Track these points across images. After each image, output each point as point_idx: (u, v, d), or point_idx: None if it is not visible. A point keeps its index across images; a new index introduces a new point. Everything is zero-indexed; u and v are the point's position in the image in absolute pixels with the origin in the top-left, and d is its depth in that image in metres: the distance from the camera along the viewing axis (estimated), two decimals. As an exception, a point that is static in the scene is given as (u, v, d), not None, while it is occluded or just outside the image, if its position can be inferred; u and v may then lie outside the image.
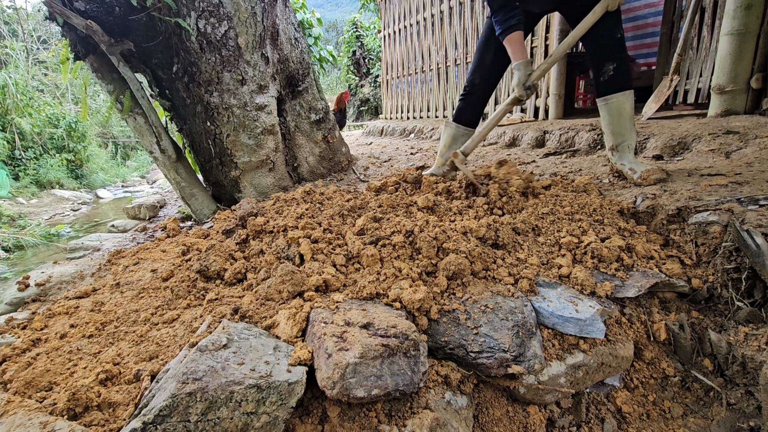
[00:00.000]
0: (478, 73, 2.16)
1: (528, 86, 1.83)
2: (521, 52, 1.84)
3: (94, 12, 2.48)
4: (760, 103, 2.71)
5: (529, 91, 1.84)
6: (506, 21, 1.82)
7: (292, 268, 1.30)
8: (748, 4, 2.57)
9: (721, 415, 1.19)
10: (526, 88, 1.83)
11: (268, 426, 0.88)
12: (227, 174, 2.95)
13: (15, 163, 7.41)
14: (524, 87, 1.83)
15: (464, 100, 2.25)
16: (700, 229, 1.44)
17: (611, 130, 1.98)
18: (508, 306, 1.21)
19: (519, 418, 1.14)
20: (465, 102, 2.25)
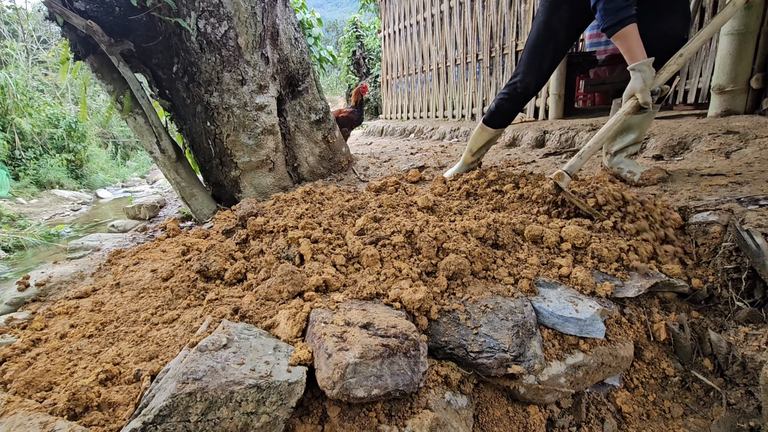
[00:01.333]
0: (532, 76, 1.93)
1: (657, 90, 1.59)
2: (641, 47, 1.55)
3: (94, 12, 2.48)
4: (760, 103, 2.71)
5: (655, 96, 1.59)
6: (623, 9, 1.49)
7: (292, 268, 1.30)
8: (748, 4, 2.57)
9: (721, 415, 1.19)
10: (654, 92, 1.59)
11: (268, 426, 0.88)
12: (227, 174, 2.95)
13: (15, 163, 7.41)
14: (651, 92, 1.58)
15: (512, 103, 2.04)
16: (700, 229, 1.44)
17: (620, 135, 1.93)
18: (508, 306, 1.21)
19: (519, 418, 1.14)
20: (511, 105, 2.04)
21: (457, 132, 4.86)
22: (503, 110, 2.08)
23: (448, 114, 5.75)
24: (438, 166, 3.16)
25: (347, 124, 4.04)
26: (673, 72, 1.59)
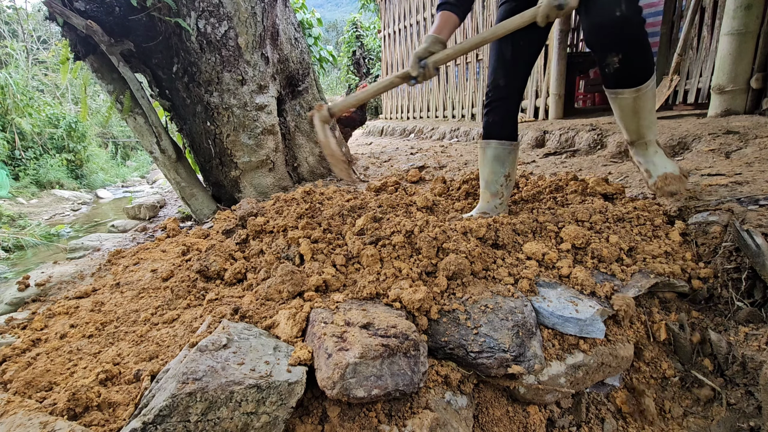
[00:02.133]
0: (500, 71, 1.69)
1: (423, 64, 1.49)
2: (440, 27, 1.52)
3: (94, 12, 2.49)
4: (760, 103, 2.72)
5: (422, 70, 1.49)
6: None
7: (292, 268, 1.30)
8: (748, 4, 2.57)
9: (721, 415, 1.19)
10: (421, 65, 1.49)
11: (268, 426, 0.88)
12: (227, 174, 2.95)
13: (15, 163, 7.41)
14: (419, 64, 1.50)
15: (491, 110, 1.73)
16: (700, 229, 1.44)
17: (624, 126, 1.61)
18: (508, 306, 1.21)
19: (519, 418, 1.14)
20: (493, 113, 1.73)
21: (457, 132, 4.86)
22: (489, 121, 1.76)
23: (448, 114, 5.75)
24: (438, 166, 3.16)
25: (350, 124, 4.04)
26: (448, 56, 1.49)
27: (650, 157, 1.60)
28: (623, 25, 1.30)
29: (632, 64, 1.37)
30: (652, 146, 1.59)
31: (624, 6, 1.27)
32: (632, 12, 1.29)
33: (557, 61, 3.89)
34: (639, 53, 1.36)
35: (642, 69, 1.40)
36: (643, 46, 1.36)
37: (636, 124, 1.55)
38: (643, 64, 1.39)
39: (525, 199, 1.90)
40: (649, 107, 1.49)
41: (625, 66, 1.38)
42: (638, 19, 1.32)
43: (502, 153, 1.74)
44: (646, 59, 1.39)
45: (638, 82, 1.41)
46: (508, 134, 1.74)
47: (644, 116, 1.51)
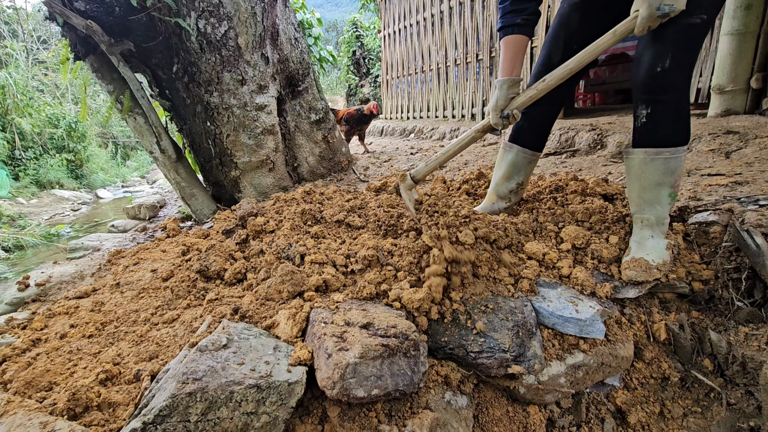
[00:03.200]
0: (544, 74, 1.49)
1: (507, 114, 1.34)
2: (510, 63, 1.37)
3: (94, 12, 2.48)
4: (760, 103, 2.72)
5: (506, 120, 1.35)
6: (507, 15, 1.36)
7: (292, 268, 1.30)
8: (748, 4, 2.57)
9: (721, 415, 1.19)
10: (504, 116, 1.35)
11: (268, 426, 0.88)
12: (227, 174, 2.95)
13: (15, 163, 7.41)
14: (502, 114, 1.35)
15: (524, 114, 1.58)
16: (700, 229, 1.44)
17: (628, 191, 1.42)
18: (508, 306, 1.21)
19: (519, 418, 1.14)
20: (525, 117, 1.60)
21: (457, 132, 4.86)
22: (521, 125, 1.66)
23: (448, 114, 5.75)
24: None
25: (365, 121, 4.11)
26: (531, 98, 1.33)
27: (640, 238, 1.38)
28: (662, 80, 1.21)
29: (658, 123, 1.26)
30: (648, 229, 1.36)
31: (668, 62, 1.19)
32: (676, 69, 1.19)
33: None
34: (669, 115, 1.24)
35: (666, 133, 1.26)
36: (676, 108, 1.24)
37: (635, 192, 1.37)
38: (670, 128, 1.26)
39: (525, 199, 1.89)
40: (656, 180, 1.29)
41: (650, 122, 1.26)
42: (680, 79, 1.21)
43: (521, 161, 1.68)
44: (676, 126, 1.26)
45: (653, 144, 1.27)
46: (534, 143, 1.65)
47: (647, 188, 1.32)
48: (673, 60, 1.18)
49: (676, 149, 1.26)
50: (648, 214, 1.36)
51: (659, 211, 1.34)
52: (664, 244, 1.35)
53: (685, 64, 1.20)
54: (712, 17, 1.18)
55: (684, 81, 1.23)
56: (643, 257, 1.33)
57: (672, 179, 1.29)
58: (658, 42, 1.19)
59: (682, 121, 1.26)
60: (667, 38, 1.17)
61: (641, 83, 1.25)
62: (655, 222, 1.35)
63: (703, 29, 1.18)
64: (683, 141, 1.27)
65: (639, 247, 1.36)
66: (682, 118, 1.26)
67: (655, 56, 1.20)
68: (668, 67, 1.19)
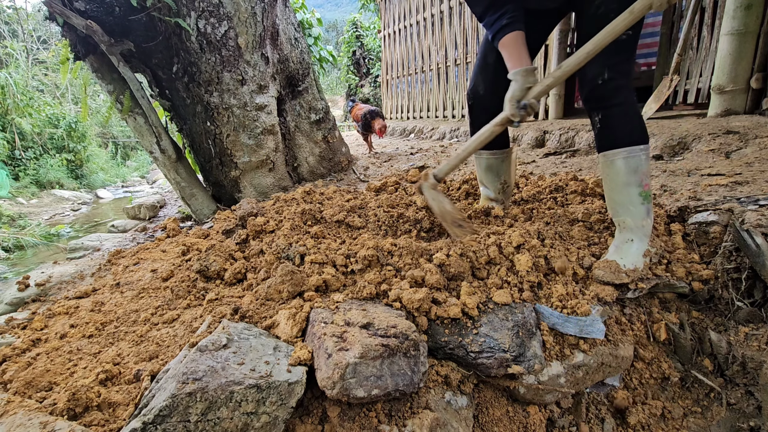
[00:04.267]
0: (480, 77, 1.59)
1: (524, 105, 1.34)
2: (519, 57, 1.35)
3: (94, 12, 2.48)
4: (760, 103, 2.72)
5: (524, 111, 1.35)
6: (496, 22, 1.37)
7: (292, 268, 1.30)
8: (748, 4, 2.57)
9: (721, 415, 1.19)
10: (521, 107, 1.35)
11: (268, 426, 0.88)
12: (227, 174, 2.95)
13: (15, 163, 7.41)
14: (518, 105, 1.35)
15: (473, 121, 1.65)
16: (700, 229, 1.44)
17: (606, 195, 1.45)
18: (507, 306, 1.21)
19: (519, 418, 1.14)
20: (475, 122, 1.63)
21: (457, 132, 4.86)
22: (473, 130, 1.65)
23: (448, 114, 5.75)
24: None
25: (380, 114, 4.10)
26: (549, 86, 1.33)
27: (619, 242, 1.38)
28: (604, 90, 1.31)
29: (611, 126, 1.34)
30: (627, 232, 1.37)
31: (607, 74, 1.29)
32: (615, 78, 1.29)
33: (557, 61, 3.89)
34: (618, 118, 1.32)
35: (619, 134, 1.33)
36: (623, 111, 1.32)
37: (607, 195, 1.42)
38: (622, 130, 1.33)
39: (525, 199, 1.90)
40: (622, 181, 1.33)
41: (603, 127, 1.35)
42: (621, 85, 1.30)
43: (494, 162, 1.70)
44: (627, 126, 1.32)
45: (609, 147, 1.34)
46: (498, 142, 1.62)
47: (615, 189, 1.37)
48: (610, 71, 1.29)
49: (632, 148, 1.32)
50: (623, 217, 1.38)
51: (633, 213, 1.35)
52: (642, 250, 1.35)
53: (623, 72, 1.30)
54: (636, 31, 1.29)
55: (625, 86, 1.32)
56: (615, 260, 1.34)
57: (637, 178, 1.32)
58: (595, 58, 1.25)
59: (633, 122, 1.33)
60: (602, 53, 1.24)
61: (587, 96, 1.36)
62: (633, 225, 1.36)
63: (631, 42, 1.30)
64: (639, 140, 1.32)
65: (615, 250, 1.38)
66: (631, 119, 1.33)
67: (595, 71, 1.30)
68: (607, 78, 1.29)
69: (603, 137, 1.37)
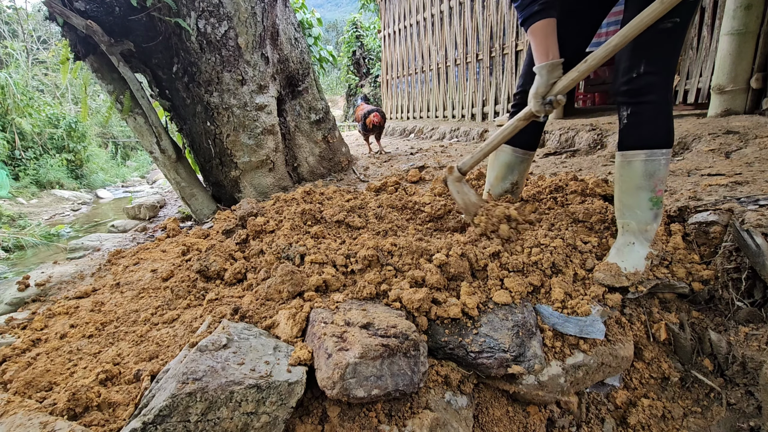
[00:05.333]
0: (529, 77, 1.51)
1: (549, 101, 1.30)
2: (546, 48, 1.29)
3: (94, 12, 2.48)
4: (760, 103, 2.71)
5: (548, 107, 1.31)
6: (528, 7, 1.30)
7: (292, 268, 1.30)
8: (748, 4, 2.57)
9: (721, 415, 1.19)
10: (547, 102, 1.31)
11: (268, 426, 0.88)
12: (227, 174, 2.95)
13: (15, 163, 7.41)
14: (543, 101, 1.31)
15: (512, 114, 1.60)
16: (700, 229, 1.44)
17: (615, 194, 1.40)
18: (507, 306, 1.21)
19: (519, 418, 1.14)
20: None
21: (457, 132, 4.86)
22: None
23: (448, 114, 5.75)
24: (438, 166, 3.16)
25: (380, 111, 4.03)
26: (574, 80, 1.28)
27: (620, 244, 1.37)
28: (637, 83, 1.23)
29: (636, 125, 1.27)
30: (630, 234, 1.35)
31: (643, 68, 1.21)
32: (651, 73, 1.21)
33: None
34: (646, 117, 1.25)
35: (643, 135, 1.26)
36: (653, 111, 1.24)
37: (617, 196, 1.37)
38: (647, 131, 1.26)
39: (525, 200, 1.90)
40: (635, 184, 1.29)
41: (629, 124, 1.28)
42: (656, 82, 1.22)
43: (514, 160, 1.66)
44: (653, 127, 1.25)
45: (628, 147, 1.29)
46: (526, 142, 1.61)
47: (626, 192, 1.32)
48: (648, 64, 1.20)
49: (653, 151, 1.25)
50: (628, 219, 1.35)
51: (639, 217, 1.32)
52: (644, 254, 1.33)
53: (661, 68, 1.21)
54: (685, 21, 1.18)
55: (662, 84, 1.23)
56: (617, 263, 1.32)
57: (651, 183, 1.27)
58: (634, 48, 1.20)
59: (662, 123, 1.25)
60: (641, 44, 1.19)
61: (619, 88, 1.28)
62: (636, 228, 1.33)
63: (677, 33, 1.18)
64: (664, 144, 1.26)
65: (617, 253, 1.35)
66: (661, 120, 1.25)
67: (631, 62, 1.23)
68: (643, 72, 1.21)
69: (626, 134, 1.30)
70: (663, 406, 1.23)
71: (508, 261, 1.35)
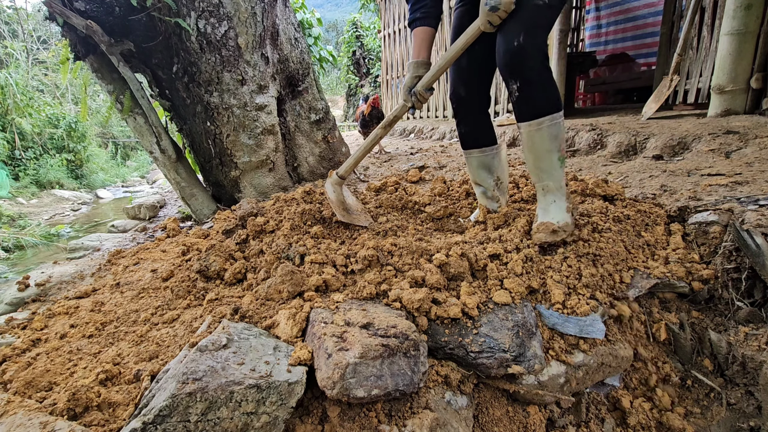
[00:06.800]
0: (458, 80, 1.63)
1: (413, 92, 1.52)
2: (419, 49, 1.54)
3: (94, 12, 2.48)
4: (760, 103, 2.72)
5: (414, 97, 1.53)
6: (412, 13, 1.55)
7: (292, 268, 1.30)
8: (748, 4, 2.57)
9: (721, 415, 1.19)
10: (412, 94, 1.53)
11: (268, 426, 0.88)
12: (227, 174, 2.95)
13: (15, 163, 7.41)
14: (409, 92, 1.54)
15: (460, 121, 1.71)
16: (700, 229, 1.44)
17: (527, 164, 1.52)
18: (507, 305, 1.21)
19: (519, 418, 1.14)
20: (463, 123, 1.70)
21: (457, 132, 4.85)
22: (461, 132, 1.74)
23: (448, 114, 5.75)
24: (438, 166, 3.16)
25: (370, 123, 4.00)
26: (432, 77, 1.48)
27: (545, 204, 1.48)
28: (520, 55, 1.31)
29: (530, 95, 1.36)
30: (550, 194, 1.46)
31: (522, 38, 1.30)
32: (530, 44, 1.30)
33: (557, 61, 3.89)
34: (536, 86, 1.34)
35: (539, 104, 1.36)
36: (540, 79, 1.34)
37: (531, 163, 1.46)
38: (541, 98, 1.36)
39: (525, 200, 1.90)
40: (546, 148, 1.39)
41: (522, 96, 1.36)
42: (534, 52, 1.32)
43: (485, 160, 1.71)
44: (546, 95, 1.36)
45: (533, 116, 1.37)
46: (485, 140, 1.68)
47: (540, 157, 1.42)
48: (526, 36, 1.30)
49: (553, 116, 1.37)
50: (546, 181, 1.47)
51: (555, 176, 1.45)
52: (564, 207, 1.46)
53: (537, 41, 1.33)
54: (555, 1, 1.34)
55: (539, 54, 1.34)
56: (548, 221, 1.43)
57: (558, 144, 1.40)
58: (512, 22, 1.32)
59: (550, 90, 1.37)
60: (518, 18, 1.31)
61: (503, 59, 1.36)
62: (554, 187, 1.46)
63: (548, 10, 1.34)
64: (556, 108, 1.37)
65: (544, 213, 1.48)
66: (548, 88, 1.37)
67: (511, 34, 1.33)
68: (523, 42, 1.30)
69: (524, 106, 1.39)
70: (663, 407, 1.23)
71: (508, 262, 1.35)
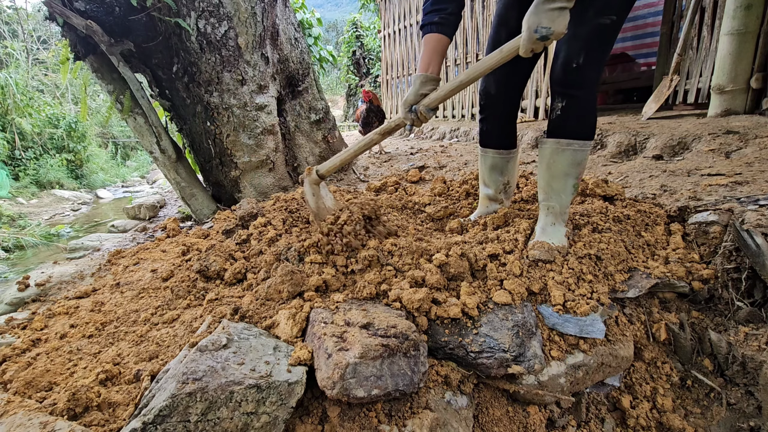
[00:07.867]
0: (490, 78, 1.54)
1: (414, 110, 1.34)
2: (429, 60, 1.37)
3: (94, 12, 2.48)
4: (760, 103, 2.72)
5: (414, 115, 1.35)
6: (429, 15, 1.39)
7: (292, 268, 1.30)
8: (748, 4, 2.57)
9: (721, 415, 1.19)
10: (411, 111, 1.35)
11: (268, 426, 0.88)
12: (227, 174, 2.95)
13: (15, 163, 7.40)
14: (410, 110, 1.35)
15: (484, 119, 1.63)
16: (700, 229, 1.44)
17: (538, 179, 1.48)
18: (507, 305, 1.21)
19: (519, 418, 1.14)
20: (486, 121, 1.63)
21: (457, 132, 4.86)
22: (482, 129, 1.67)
23: (448, 114, 5.75)
24: (438, 166, 3.16)
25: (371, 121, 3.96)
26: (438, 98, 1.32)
27: (545, 224, 1.46)
28: (577, 76, 1.29)
29: (571, 115, 1.33)
30: (552, 216, 1.45)
31: (582, 59, 1.26)
32: (589, 67, 1.27)
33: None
34: (580, 109, 1.32)
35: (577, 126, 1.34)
36: (586, 104, 1.32)
37: (545, 181, 1.43)
38: (581, 122, 1.34)
39: (525, 200, 1.90)
40: (564, 171, 1.37)
41: (563, 115, 1.34)
42: (592, 76, 1.29)
43: (499, 162, 1.67)
44: (586, 120, 1.34)
45: (565, 135, 1.34)
46: (505, 143, 1.64)
47: (556, 177, 1.40)
48: (586, 57, 1.26)
49: (585, 142, 1.35)
50: (554, 202, 1.44)
51: (563, 200, 1.43)
52: (563, 232, 1.45)
53: (597, 61, 1.28)
54: (621, 18, 1.25)
55: (595, 78, 1.31)
56: (546, 240, 1.41)
57: (577, 171, 1.39)
58: (574, 40, 1.26)
59: (590, 117, 1.35)
60: (581, 37, 1.25)
61: (557, 77, 1.33)
62: (558, 210, 1.44)
63: (613, 29, 1.25)
64: (590, 136, 1.36)
65: (542, 233, 1.45)
66: (590, 114, 1.35)
67: (571, 53, 1.27)
68: (582, 64, 1.26)
69: (559, 124, 1.36)
70: (663, 407, 1.23)
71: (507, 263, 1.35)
